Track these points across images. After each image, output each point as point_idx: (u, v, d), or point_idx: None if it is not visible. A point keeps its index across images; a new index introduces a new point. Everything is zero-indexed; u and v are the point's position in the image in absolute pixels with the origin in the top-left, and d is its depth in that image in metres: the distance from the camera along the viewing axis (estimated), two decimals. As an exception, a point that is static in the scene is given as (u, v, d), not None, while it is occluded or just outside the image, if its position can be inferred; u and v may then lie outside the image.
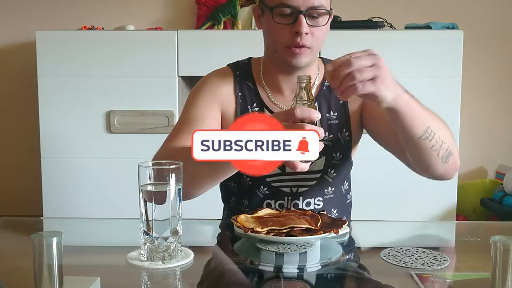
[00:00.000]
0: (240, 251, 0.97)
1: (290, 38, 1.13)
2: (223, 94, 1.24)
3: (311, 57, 1.17)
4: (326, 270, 0.88)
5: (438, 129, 1.02)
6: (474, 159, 2.74)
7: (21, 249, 0.97)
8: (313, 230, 0.94)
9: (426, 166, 1.08)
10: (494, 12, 2.68)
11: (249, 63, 1.30)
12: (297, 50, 1.13)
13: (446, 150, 1.05)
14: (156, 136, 2.28)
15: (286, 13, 1.12)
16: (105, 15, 2.69)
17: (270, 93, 1.24)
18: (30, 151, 2.70)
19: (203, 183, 1.08)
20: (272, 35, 1.17)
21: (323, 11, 1.12)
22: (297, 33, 1.11)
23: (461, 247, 1.05)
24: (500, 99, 2.73)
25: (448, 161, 1.07)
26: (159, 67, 2.29)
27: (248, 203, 1.25)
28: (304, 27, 1.10)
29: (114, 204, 2.30)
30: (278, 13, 1.13)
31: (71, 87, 2.31)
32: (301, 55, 1.14)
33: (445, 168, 1.09)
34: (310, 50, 1.15)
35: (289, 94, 1.23)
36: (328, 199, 1.24)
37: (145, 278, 0.82)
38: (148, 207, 0.85)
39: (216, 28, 2.50)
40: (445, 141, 1.04)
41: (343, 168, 1.26)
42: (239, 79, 1.26)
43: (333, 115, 1.24)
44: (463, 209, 2.50)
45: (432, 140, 1.01)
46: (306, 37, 1.12)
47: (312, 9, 1.11)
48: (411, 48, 2.26)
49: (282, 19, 1.13)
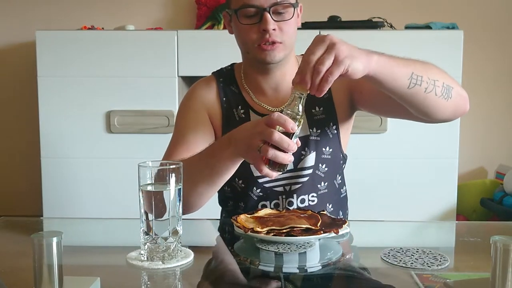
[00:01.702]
0: (240, 251, 0.97)
1: (259, 37, 1.15)
2: (208, 101, 1.28)
3: (284, 52, 1.18)
4: (326, 270, 0.88)
5: (424, 70, 1.01)
6: (474, 159, 2.74)
7: (21, 249, 0.97)
8: (313, 230, 0.94)
9: (433, 111, 1.06)
10: (494, 12, 2.68)
11: (232, 69, 1.33)
12: (268, 47, 1.15)
13: (442, 86, 1.03)
14: (156, 136, 2.29)
15: (251, 13, 1.14)
16: (105, 15, 2.69)
17: (253, 95, 1.26)
18: (30, 151, 2.70)
19: (203, 190, 1.10)
20: (242, 37, 1.19)
21: (287, 5, 1.14)
22: (264, 31, 1.13)
23: (461, 247, 1.05)
24: (500, 99, 2.73)
25: (451, 96, 1.05)
26: (159, 67, 2.30)
27: (244, 206, 1.25)
28: (270, 23, 1.12)
29: (114, 204, 2.30)
30: (243, 14, 1.15)
31: (71, 87, 2.31)
32: (273, 51, 1.15)
33: (453, 104, 1.07)
34: (282, 45, 1.16)
35: (271, 94, 1.25)
36: (322, 195, 1.24)
37: (145, 278, 0.82)
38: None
39: (216, 28, 2.50)
40: (437, 78, 1.03)
41: (334, 163, 1.27)
42: (222, 85, 1.29)
43: (318, 110, 1.24)
44: (463, 209, 2.50)
45: (422, 83, 1.00)
46: (274, 33, 1.14)
47: (276, 4, 1.12)
48: (411, 48, 2.26)
49: (248, 20, 1.15)
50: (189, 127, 1.25)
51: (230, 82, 1.29)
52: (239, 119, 1.25)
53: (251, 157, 0.96)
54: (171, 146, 1.25)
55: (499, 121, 2.74)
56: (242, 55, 1.27)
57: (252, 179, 1.22)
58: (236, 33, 1.22)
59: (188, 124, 1.26)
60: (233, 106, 1.26)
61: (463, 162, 2.56)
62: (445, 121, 1.12)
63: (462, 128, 2.33)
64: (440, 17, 2.53)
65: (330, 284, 0.84)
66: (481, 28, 2.66)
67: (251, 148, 0.94)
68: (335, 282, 0.84)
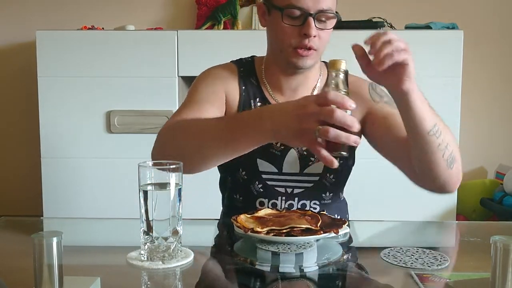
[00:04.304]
0: (240, 251, 0.97)
1: (298, 40, 1.13)
2: (229, 84, 1.24)
3: (316, 59, 1.18)
4: (325, 270, 0.88)
5: (444, 130, 1.01)
6: (474, 159, 2.74)
7: (21, 249, 0.97)
8: (313, 230, 0.94)
9: (430, 167, 1.03)
10: (494, 12, 2.68)
11: (252, 61, 1.31)
12: (304, 52, 1.14)
13: (450, 153, 1.02)
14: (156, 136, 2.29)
15: (295, 15, 1.11)
16: (105, 15, 2.69)
17: (271, 91, 1.25)
18: (30, 151, 2.70)
19: (211, 158, 1.03)
20: (279, 36, 1.16)
21: (331, 15, 1.13)
22: (305, 35, 1.12)
23: (461, 247, 1.05)
24: (500, 99, 2.73)
25: (452, 168, 1.04)
26: (159, 67, 2.29)
27: (242, 199, 1.25)
28: (313, 29, 1.11)
29: (114, 204, 2.30)
30: (287, 14, 1.12)
31: (71, 87, 2.31)
32: (308, 57, 1.15)
33: (449, 174, 1.05)
34: (316, 52, 1.15)
35: (289, 94, 1.24)
36: (325, 204, 1.24)
37: (145, 278, 0.82)
38: (148, 207, 0.85)
39: (216, 28, 2.49)
40: (450, 144, 1.02)
41: (342, 176, 1.27)
42: (242, 75, 1.26)
43: None
44: (463, 209, 2.50)
45: (439, 138, 0.99)
46: (313, 40, 1.13)
47: (321, 12, 1.11)
48: (411, 48, 2.25)
49: (291, 21, 1.12)
50: (206, 98, 1.19)
51: (250, 73, 1.27)
52: None
53: (306, 141, 0.87)
54: (182, 107, 1.17)
55: (499, 121, 2.74)
56: (270, 50, 1.25)
57: (256, 173, 1.22)
58: (272, 30, 1.19)
59: (205, 94, 1.19)
60: (251, 97, 1.24)
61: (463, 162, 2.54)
62: (431, 188, 1.10)
63: (462, 128, 2.32)
64: (440, 17, 2.53)
65: (329, 284, 0.84)
66: (481, 28, 2.66)
67: (305, 132, 0.85)
68: (335, 282, 0.84)
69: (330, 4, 1.12)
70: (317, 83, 1.26)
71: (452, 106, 2.26)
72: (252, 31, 2.42)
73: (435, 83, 2.26)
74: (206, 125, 1.03)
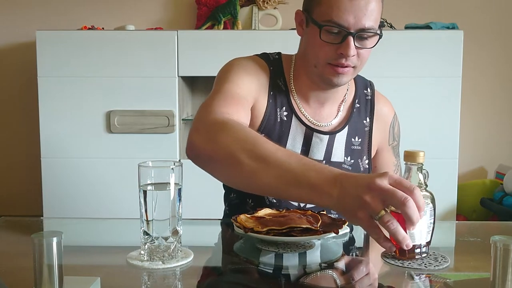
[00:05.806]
0: (240, 251, 0.97)
1: (335, 57, 1.08)
2: (261, 86, 1.17)
3: (352, 76, 1.14)
4: (325, 270, 0.88)
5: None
6: (474, 159, 2.74)
7: (21, 249, 0.97)
8: (313, 230, 0.94)
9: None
10: (494, 12, 2.68)
11: (280, 59, 1.22)
12: (340, 70, 1.09)
13: None
14: (156, 136, 2.29)
15: (335, 31, 1.06)
16: (105, 15, 2.69)
17: (298, 100, 1.20)
18: (30, 151, 2.71)
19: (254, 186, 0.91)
20: (316, 51, 1.10)
21: (372, 34, 1.08)
22: (342, 54, 1.07)
23: (461, 247, 1.05)
24: (500, 99, 2.73)
25: None
26: (159, 67, 2.30)
27: (251, 195, 1.21)
28: (351, 49, 1.05)
29: (114, 204, 2.30)
30: (326, 29, 1.07)
31: (71, 87, 2.31)
32: (344, 75, 1.10)
33: None
34: (354, 70, 1.11)
35: (315, 107, 1.20)
36: None
37: (145, 278, 0.82)
38: (148, 207, 0.85)
39: (216, 28, 2.50)
40: None
41: None
42: (273, 76, 1.19)
43: (357, 140, 1.22)
44: (463, 209, 2.50)
45: None
46: (352, 58, 1.08)
47: (362, 31, 1.06)
48: (411, 48, 2.26)
49: (329, 37, 1.07)
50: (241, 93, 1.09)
51: (278, 75, 1.20)
52: (280, 121, 1.18)
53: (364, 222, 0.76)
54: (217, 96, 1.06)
55: (499, 121, 2.74)
56: (303, 61, 1.17)
57: None
58: (309, 43, 1.12)
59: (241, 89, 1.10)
60: (277, 105, 1.18)
61: (463, 162, 2.56)
62: None
63: (462, 128, 2.32)
64: (440, 17, 2.53)
65: (329, 284, 0.84)
66: (481, 28, 2.66)
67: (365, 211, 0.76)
68: (335, 282, 0.84)
69: (373, 22, 1.06)
70: (344, 98, 1.23)
71: (452, 106, 2.26)
72: (252, 31, 2.42)
73: (435, 83, 2.26)
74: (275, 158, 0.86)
